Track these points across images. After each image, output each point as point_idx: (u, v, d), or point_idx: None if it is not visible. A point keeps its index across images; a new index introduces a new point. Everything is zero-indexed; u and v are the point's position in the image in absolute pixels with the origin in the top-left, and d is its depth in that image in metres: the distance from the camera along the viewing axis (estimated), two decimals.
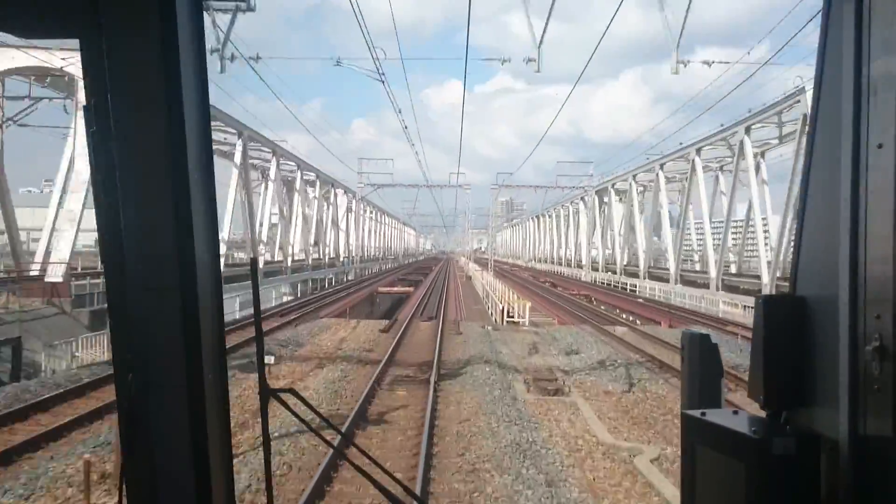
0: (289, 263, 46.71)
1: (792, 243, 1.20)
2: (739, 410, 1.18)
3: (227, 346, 1.30)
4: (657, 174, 48.19)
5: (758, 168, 33.42)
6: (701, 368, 1.31)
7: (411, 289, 52.34)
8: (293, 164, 49.24)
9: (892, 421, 0.97)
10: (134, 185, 1.12)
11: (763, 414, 1.18)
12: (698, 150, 40.72)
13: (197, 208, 1.14)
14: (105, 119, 1.10)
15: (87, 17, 1.09)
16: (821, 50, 1.15)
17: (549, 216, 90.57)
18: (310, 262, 50.64)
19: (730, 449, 1.12)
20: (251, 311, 21.99)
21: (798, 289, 1.18)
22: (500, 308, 30.29)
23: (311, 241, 54.45)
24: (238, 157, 35.05)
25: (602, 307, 38.96)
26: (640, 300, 39.86)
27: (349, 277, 60.72)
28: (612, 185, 58.37)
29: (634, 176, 52.66)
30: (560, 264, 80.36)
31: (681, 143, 43.97)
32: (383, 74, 18.69)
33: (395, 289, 48.76)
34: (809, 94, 30.18)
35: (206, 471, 1.19)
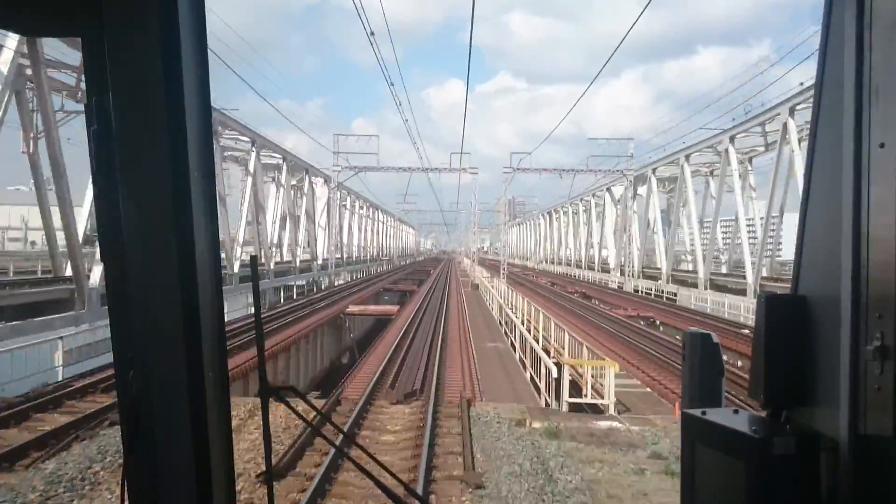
0: (236, 269, 36.33)
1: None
2: (740, 410, 1.27)
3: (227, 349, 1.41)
4: (726, 150, 37.93)
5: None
6: (702, 367, 1.36)
7: (395, 309, 36.23)
8: (249, 140, 39.60)
9: (892, 421, 1.04)
10: (134, 183, 1.20)
11: (763, 413, 1.26)
12: (792, 110, 31.96)
13: (197, 207, 1.22)
14: (106, 117, 1.18)
15: (89, 16, 1.17)
16: (822, 49, 1.22)
17: (565, 212, 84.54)
18: (272, 266, 42.02)
19: (730, 448, 1.19)
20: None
21: (800, 288, 1.25)
22: (555, 373, 13.88)
23: (275, 239, 46.27)
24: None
25: (679, 337, 23.30)
26: (747, 331, 28.10)
27: (324, 285, 53.15)
28: (653, 171, 49.87)
29: (688, 157, 44.34)
30: (578, 266, 75.49)
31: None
32: (384, 64, 21.11)
33: (372, 308, 33.14)
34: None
35: (207, 470, 1.25)
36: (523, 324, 22.97)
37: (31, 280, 24.38)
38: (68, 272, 22.03)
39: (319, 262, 54.91)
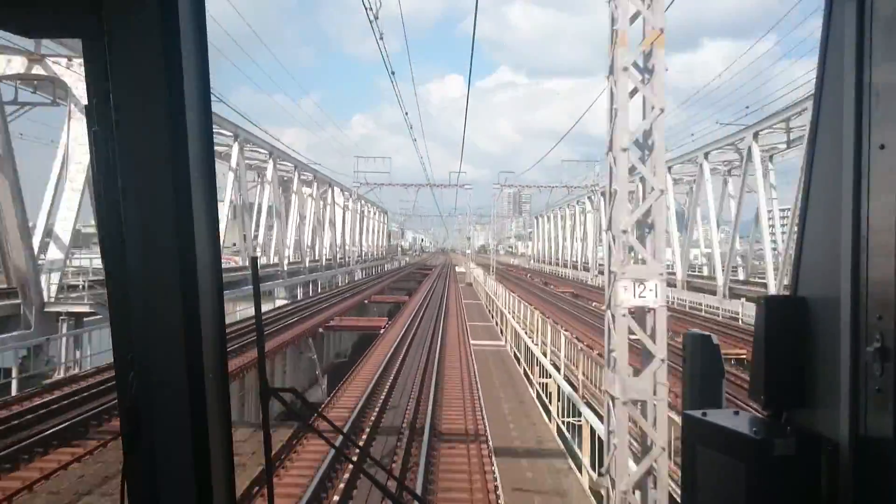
0: None
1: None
2: (740, 411, 1.29)
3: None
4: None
5: None
6: (702, 369, 1.39)
7: None
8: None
9: (892, 422, 1.06)
10: (134, 184, 1.21)
11: (764, 414, 1.28)
12: None
13: (198, 207, 1.24)
14: (106, 118, 1.20)
15: (89, 17, 1.18)
16: (822, 50, 1.24)
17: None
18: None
19: (730, 449, 1.21)
20: None
21: (799, 289, 1.26)
22: None
23: None
24: None
25: None
26: None
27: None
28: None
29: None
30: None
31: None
32: (381, 36, 17.02)
33: None
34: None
35: (207, 470, 1.27)
36: None
37: None
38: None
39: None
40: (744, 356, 22.93)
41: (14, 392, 16.28)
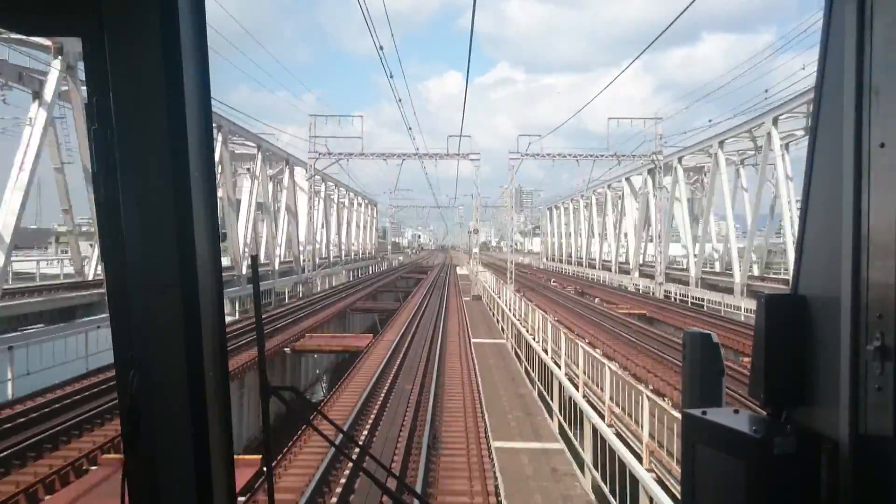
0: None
1: None
2: (740, 409, 1.30)
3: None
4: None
5: None
6: (702, 367, 1.40)
7: None
8: None
9: (892, 420, 1.07)
10: (134, 183, 1.22)
11: (764, 413, 1.28)
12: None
13: (198, 206, 1.25)
14: (106, 117, 1.21)
15: (89, 15, 1.20)
16: (823, 47, 1.24)
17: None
18: None
19: (730, 448, 1.22)
20: None
21: (800, 288, 1.27)
22: None
23: None
24: None
25: None
26: None
27: None
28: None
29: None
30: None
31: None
32: (381, 48, 19.43)
33: None
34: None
35: (208, 469, 1.28)
36: None
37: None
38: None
39: None
40: None
41: None
